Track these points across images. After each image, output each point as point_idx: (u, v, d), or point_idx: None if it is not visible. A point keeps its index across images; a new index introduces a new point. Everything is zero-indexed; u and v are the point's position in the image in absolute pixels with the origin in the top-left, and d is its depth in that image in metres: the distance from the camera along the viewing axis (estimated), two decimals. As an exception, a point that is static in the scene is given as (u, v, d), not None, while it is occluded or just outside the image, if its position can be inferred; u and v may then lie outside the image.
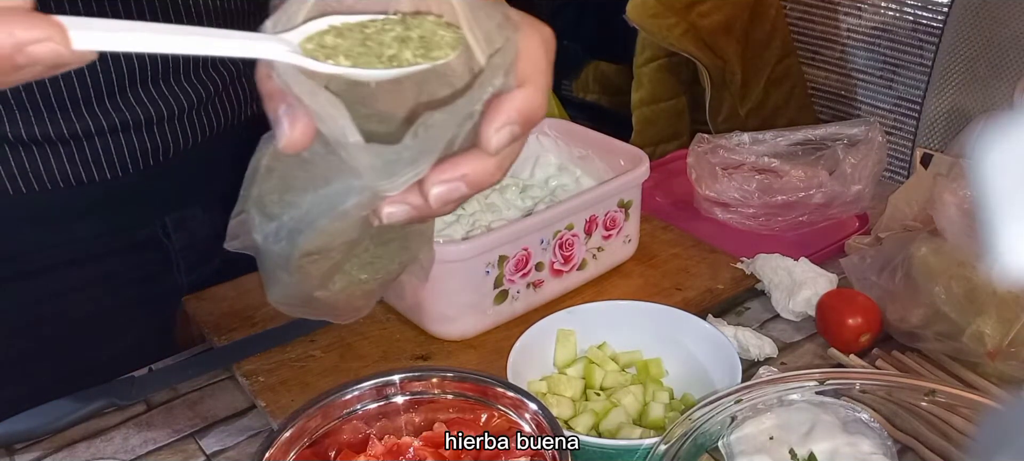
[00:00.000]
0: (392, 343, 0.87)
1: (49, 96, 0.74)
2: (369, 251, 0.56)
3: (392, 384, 0.69)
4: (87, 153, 0.78)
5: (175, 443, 0.79)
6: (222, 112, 0.87)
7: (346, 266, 0.56)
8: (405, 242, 0.58)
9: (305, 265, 0.53)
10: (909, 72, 1.79)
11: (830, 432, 0.69)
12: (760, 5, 1.82)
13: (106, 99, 0.77)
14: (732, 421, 0.70)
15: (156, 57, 0.76)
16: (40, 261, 0.84)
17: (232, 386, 0.85)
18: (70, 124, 0.76)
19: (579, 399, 0.78)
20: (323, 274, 0.55)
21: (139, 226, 0.87)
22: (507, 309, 0.88)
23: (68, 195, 0.79)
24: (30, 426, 0.78)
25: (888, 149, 1.08)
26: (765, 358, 0.84)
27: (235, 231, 0.58)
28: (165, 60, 0.79)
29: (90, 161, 0.79)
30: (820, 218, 1.07)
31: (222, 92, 0.87)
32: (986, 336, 0.77)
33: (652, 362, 0.80)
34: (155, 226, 0.89)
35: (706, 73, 1.78)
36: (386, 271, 0.59)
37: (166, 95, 0.81)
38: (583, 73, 2.38)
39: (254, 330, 0.89)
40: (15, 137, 0.75)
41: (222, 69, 0.85)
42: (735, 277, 0.95)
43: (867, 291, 0.86)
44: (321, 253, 0.53)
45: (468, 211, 0.96)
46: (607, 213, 0.92)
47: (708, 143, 1.12)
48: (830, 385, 0.72)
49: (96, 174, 0.79)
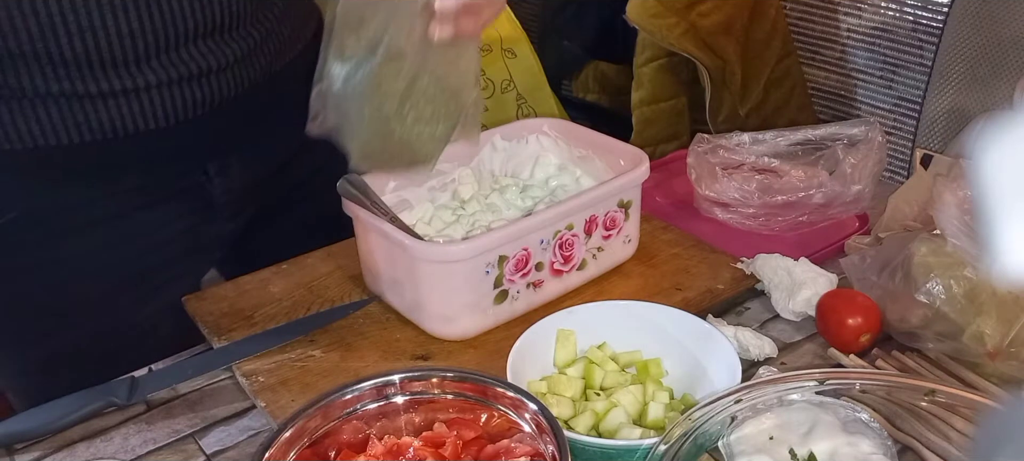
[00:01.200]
0: (392, 343, 0.87)
1: (112, 53, 0.79)
2: (431, 87, 0.71)
3: (392, 384, 0.69)
4: (142, 104, 0.83)
5: (175, 443, 0.79)
6: (260, 64, 0.91)
7: (414, 96, 0.70)
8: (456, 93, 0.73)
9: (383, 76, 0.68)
10: (909, 72, 1.79)
11: (830, 432, 0.69)
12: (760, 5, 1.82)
13: (160, 55, 0.82)
14: (732, 421, 0.70)
15: (206, 15, 0.83)
16: (91, 214, 0.88)
17: (232, 386, 0.85)
18: (127, 79, 0.81)
19: (579, 399, 0.78)
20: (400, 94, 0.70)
21: (185, 174, 0.92)
22: (507, 309, 0.88)
23: (122, 144, 0.84)
24: (30, 426, 0.79)
25: (888, 149, 1.08)
26: (765, 358, 0.84)
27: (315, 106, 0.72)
28: (213, 18, 0.84)
29: (144, 112, 0.84)
30: (820, 218, 1.07)
31: (260, 46, 0.91)
32: (986, 336, 0.77)
33: (652, 362, 0.80)
34: (198, 174, 0.93)
35: (706, 73, 1.78)
36: (445, 115, 0.73)
37: (213, 49, 0.86)
38: (583, 73, 2.38)
39: (254, 330, 0.89)
40: (81, 92, 0.80)
41: (261, 25, 0.90)
42: (735, 277, 0.95)
43: (867, 291, 0.86)
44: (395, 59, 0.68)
45: (468, 211, 0.96)
46: (607, 213, 0.92)
47: (708, 143, 1.12)
48: (830, 385, 0.72)
49: (149, 124, 0.84)
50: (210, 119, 0.88)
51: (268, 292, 0.95)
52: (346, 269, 0.99)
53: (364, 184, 0.90)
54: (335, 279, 0.98)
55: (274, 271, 0.99)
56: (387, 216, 0.88)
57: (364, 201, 0.89)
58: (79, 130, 0.81)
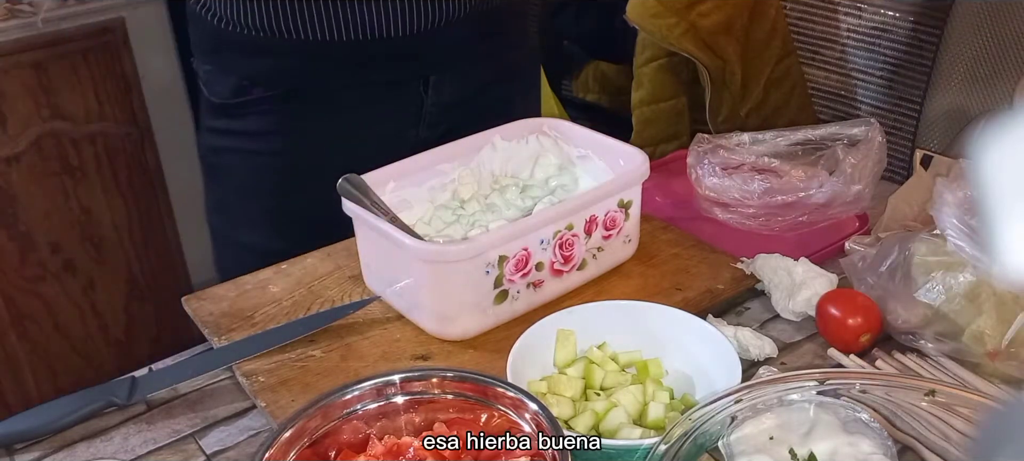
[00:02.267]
0: (392, 343, 0.87)
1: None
2: None
3: (392, 384, 0.69)
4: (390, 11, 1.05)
5: (175, 443, 0.79)
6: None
7: None
8: None
9: None
10: (909, 72, 1.78)
11: (830, 432, 0.69)
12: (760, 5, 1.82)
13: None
14: (732, 421, 0.70)
15: None
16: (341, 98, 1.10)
17: (232, 386, 0.85)
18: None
19: (579, 399, 0.78)
20: None
21: (411, 78, 1.12)
22: (507, 309, 0.88)
23: (372, 46, 1.06)
24: (30, 426, 0.79)
25: (888, 149, 1.08)
26: (765, 358, 0.84)
27: None
28: None
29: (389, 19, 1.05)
30: (820, 218, 1.07)
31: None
32: (986, 336, 0.77)
33: (652, 362, 0.80)
34: (419, 83, 1.12)
35: (706, 73, 1.78)
36: None
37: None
38: (583, 73, 2.37)
39: (254, 330, 0.89)
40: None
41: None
42: (735, 277, 0.95)
43: (867, 291, 0.86)
44: None
45: (468, 211, 0.96)
46: (607, 213, 0.92)
47: (708, 143, 1.12)
48: (830, 385, 0.72)
49: (389, 31, 1.06)
50: (437, 35, 1.07)
51: (268, 292, 0.95)
52: (346, 269, 0.99)
53: (364, 184, 0.91)
54: (335, 279, 0.98)
55: (274, 271, 0.99)
56: (387, 216, 0.88)
57: (364, 201, 0.89)
58: (345, 29, 1.04)
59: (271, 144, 1.12)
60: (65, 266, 2.03)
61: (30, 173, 1.92)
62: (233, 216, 1.18)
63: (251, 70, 1.09)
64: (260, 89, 1.09)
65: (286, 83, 1.09)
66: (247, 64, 1.09)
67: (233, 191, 1.17)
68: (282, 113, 1.10)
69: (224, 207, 1.19)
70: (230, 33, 1.07)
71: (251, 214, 1.16)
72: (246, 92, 1.10)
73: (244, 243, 1.17)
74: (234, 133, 1.13)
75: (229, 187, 1.17)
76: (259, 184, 1.14)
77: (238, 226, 1.18)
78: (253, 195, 1.15)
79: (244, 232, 1.17)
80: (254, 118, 1.11)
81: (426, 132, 1.15)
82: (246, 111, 1.11)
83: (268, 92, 1.09)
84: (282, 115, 1.10)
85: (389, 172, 0.95)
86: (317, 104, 1.10)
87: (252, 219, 1.16)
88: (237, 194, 1.17)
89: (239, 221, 1.18)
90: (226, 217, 1.19)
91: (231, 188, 1.17)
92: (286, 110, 1.10)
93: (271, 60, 1.08)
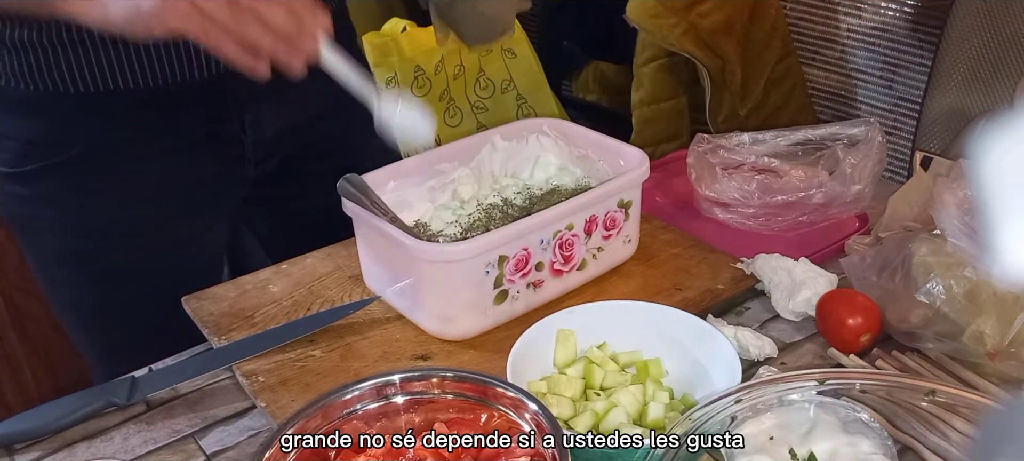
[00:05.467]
0: (392, 343, 0.87)
1: None
2: None
3: (392, 384, 0.69)
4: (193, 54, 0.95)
5: (175, 443, 0.79)
6: None
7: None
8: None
9: None
10: (909, 72, 1.78)
11: (830, 432, 0.69)
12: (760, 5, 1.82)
13: None
14: (732, 421, 0.70)
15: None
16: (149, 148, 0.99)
17: (232, 386, 0.85)
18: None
19: (579, 399, 0.78)
20: None
21: (225, 120, 1.02)
22: (507, 309, 0.88)
23: (178, 89, 0.96)
24: (30, 426, 0.79)
25: (888, 149, 1.08)
26: (765, 358, 0.84)
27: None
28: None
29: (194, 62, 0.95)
30: (820, 218, 1.07)
31: None
32: (986, 336, 0.77)
33: (652, 362, 0.80)
34: (233, 124, 1.03)
35: (706, 73, 1.78)
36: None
37: None
38: (583, 73, 2.38)
39: (254, 330, 0.89)
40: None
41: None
42: (735, 277, 0.95)
43: (867, 291, 0.86)
44: None
45: (466, 211, 0.96)
46: (607, 213, 0.92)
47: (708, 143, 1.12)
48: (830, 385, 0.72)
49: (199, 74, 0.96)
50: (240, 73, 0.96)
51: (268, 292, 0.95)
52: (346, 269, 0.99)
53: (364, 184, 0.91)
54: (335, 279, 0.98)
55: (274, 271, 0.99)
56: (387, 216, 0.88)
57: (364, 201, 0.89)
58: (142, 75, 0.93)
59: (74, 211, 1.00)
60: (65, 266, 2.03)
61: (30, 173, 1.92)
62: (56, 279, 1.08)
63: (32, 133, 0.96)
64: (48, 154, 0.96)
65: (77, 145, 0.96)
66: (27, 126, 0.96)
67: (49, 257, 1.06)
68: (79, 176, 0.98)
69: (45, 270, 1.08)
70: (3, 89, 0.94)
71: (74, 277, 1.05)
72: (33, 159, 0.96)
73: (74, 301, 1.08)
74: (30, 200, 1.00)
75: (43, 253, 1.06)
76: (73, 247, 1.03)
77: (64, 287, 1.08)
78: (70, 259, 1.04)
79: (70, 292, 1.08)
80: (48, 184, 0.98)
81: (256, 170, 1.07)
82: (37, 179, 0.98)
83: (58, 157, 0.96)
84: (80, 178, 0.98)
85: (389, 172, 0.95)
86: (120, 161, 0.98)
87: (76, 282, 1.06)
88: (54, 260, 1.06)
89: (64, 283, 1.07)
90: (50, 279, 1.09)
91: (46, 254, 1.06)
92: (83, 172, 0.97)
93: (54, 119, 0.95)
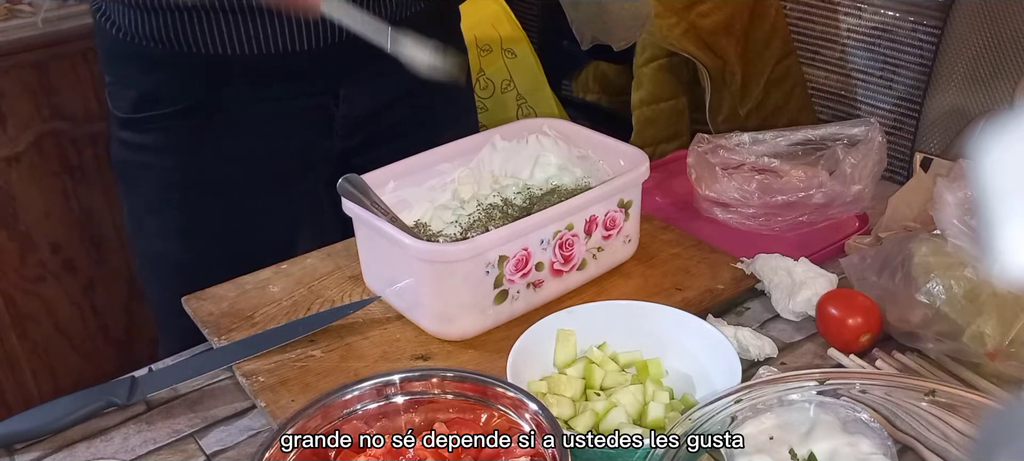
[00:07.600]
0: (392, 343, 0.87)
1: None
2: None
3: (392, 384, 0.69)
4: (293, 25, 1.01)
5: (175, 443, 0.79)
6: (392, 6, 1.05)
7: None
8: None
9: None
10: (909, 72, 1.78)
11: (830, 432, 0.69)
12: (760, 5, 1.82)
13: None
14: (732, 421, 0.70)
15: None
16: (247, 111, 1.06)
17: (232, 386, 0.85)
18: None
19: (579, 399, 0.78)
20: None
21: (318, 93, 1.08)
22: (507, 309, 0.88)
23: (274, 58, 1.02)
24: (30, 426, 0.79)
25: (888, 149, 1.08)
26: (765, 358, 0.84)
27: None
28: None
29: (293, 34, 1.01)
30: (820, 218, 1.07)
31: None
32: (986, 336, 0.77)
33: (652, 362, 0.80)
34: (327, 96, 1.08)
35: (706, 73, 1.78)
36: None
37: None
38: (583, 73, 2.37)
39: (254, 330, 0.89)
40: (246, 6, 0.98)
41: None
42: (735, 277, 0.95)
43: (867, 291, 0.86)
44: None
45: (466, 211, 0.96)
46: (607, 213, 0.92)
47: (708, 143, 1.12)
48: (830, 385, 0.72)
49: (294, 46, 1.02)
50: (344, 49, 1.02)
51: (268, 292, 0.95)
52: (346, 269, 0.99)
53: (364, 184, 0.91)
54: (335, 279, 0.98)
55: (274, 271, 0.99)
56: (387, 216, 0.88)
57: (364, 201, 0.89)
58: (248, 44, 1.00)
59: (176, 159, 1.08)
60: (65, 266, 2.03)
61: (30, 173, 1.92)
62: (145, 228, 1.15)
63: (150, 85, 1.05)
64: (161, 105, 1.05)
65: (187, 99, 1.05)
66: (147, 79, 1.05)
67: (143, 205, 1.14)
68: (185, 129, 1.06)
69: (136, 218, 1.16)
70: (129, 45, 1.03)
71: (162, 227, 1.13)
72: (147, 107, 1.06)
73: (157, 253, 1.15)
74: (138, 147, 1.09)
75: (138, 200, 1.14)
76: (167, 197, 1.11)
77: (151, 238, 1.15)
78: (162, 209, 1.12)
79: (156, 243, 1.15)
80: (156, 134, 1.07)
81: (342, 142, 1.12)
82: (148, 127, 1.07)
83: (169, 108, 1.05)
84: (185, 131, 1.06)
85: (389, 172, 0.95)
86: (222, 120, 1.06)
87: (163, 232, 1.13)
88: (147, 208, 1.13)
89: (151, 233, 1.15)
90: (139, 228, 1.16)
91: (140, 201, 1.14)
92: (189, 126, 1.06)
93: (171, 74, 1.04)
